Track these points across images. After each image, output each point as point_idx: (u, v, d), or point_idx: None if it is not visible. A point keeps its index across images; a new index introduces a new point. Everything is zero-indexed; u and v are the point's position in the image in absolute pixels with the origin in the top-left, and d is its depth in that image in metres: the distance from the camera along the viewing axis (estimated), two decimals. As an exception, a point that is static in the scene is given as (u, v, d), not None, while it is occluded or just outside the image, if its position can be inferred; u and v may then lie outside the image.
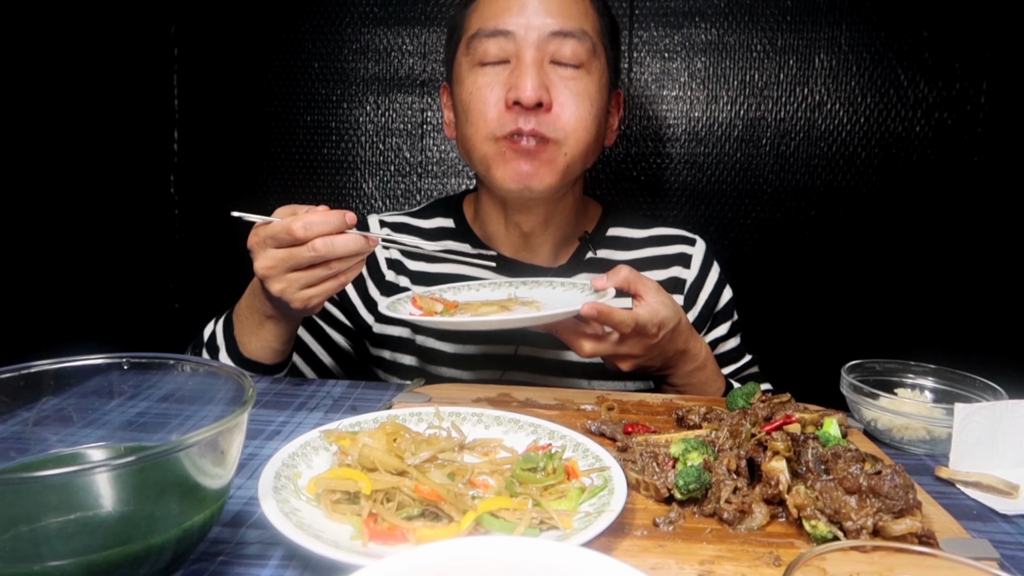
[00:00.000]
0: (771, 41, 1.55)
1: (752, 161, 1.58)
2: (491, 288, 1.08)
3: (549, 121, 1.02)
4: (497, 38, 1.02)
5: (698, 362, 1.03)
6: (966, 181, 1.54)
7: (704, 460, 0.67)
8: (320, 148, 1.64)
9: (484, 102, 1.03)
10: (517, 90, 1.00)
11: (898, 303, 1.59)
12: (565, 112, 1.02)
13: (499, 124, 1.02)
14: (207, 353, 1.03)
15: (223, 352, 1.02)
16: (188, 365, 0.62)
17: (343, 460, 0.66)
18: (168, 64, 1.63)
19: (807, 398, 0.88)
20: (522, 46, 1.02)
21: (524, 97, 0.99)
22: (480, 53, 1.03)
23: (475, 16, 1.06)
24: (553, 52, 1.02)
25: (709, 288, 1.19)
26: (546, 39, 1.02)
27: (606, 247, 1.19)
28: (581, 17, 1.04)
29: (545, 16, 1.02)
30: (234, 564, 0.56)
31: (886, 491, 0.59)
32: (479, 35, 1.03)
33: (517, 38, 1.02)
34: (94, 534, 0.47)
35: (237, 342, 1.00)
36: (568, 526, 0.58)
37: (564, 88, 1.03)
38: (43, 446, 0.57)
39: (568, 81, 1.03)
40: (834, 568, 0.45)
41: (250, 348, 1.00)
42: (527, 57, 1.01)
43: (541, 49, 1.02)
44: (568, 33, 1.02)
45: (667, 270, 1.19)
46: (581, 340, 0.94)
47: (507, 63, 1.03)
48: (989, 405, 0.81)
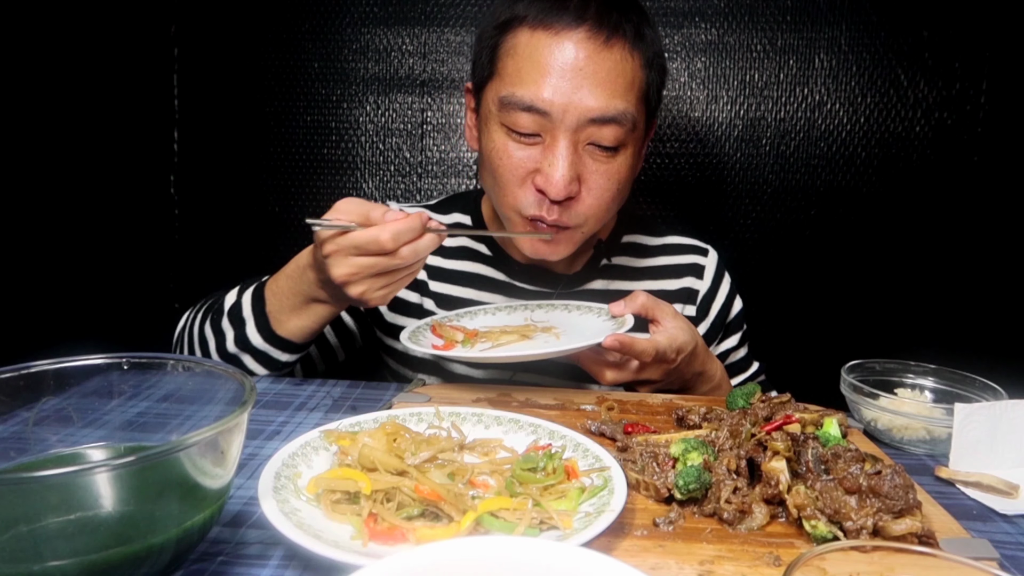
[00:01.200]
0: (771, 41, 1.55)
1: (752, 161, 1.58)
2: (507, 312, 1.08)
3: (573, 208, 0.98)
4: (532, 114, 0.93)
5: (714, 382, 1.05)
6: (966, 181, 1.54)
7: (704, 460, 0.67)
8: (320, 148, 1.64)
9: (512, 175, 0.97)
10: (547, 181, 0.94)
11: (898, 303, 1.59)
12: (590, 197, 0.98)
13: (524, 204, 0.98)
14: (227, 321, 0.99)
15: (250, 326, 0.97)
16: (188, 365, 0.62)
17: (343, 460, 0.66)
18: (168, 64, 1.63)
19: (807, 398, 0.88)
20: (558, 128, 0.93)
21: (552, 193, 0.94)
22: (511, 121, 0.95)
23: (511, 63, 0.96)
24: (590, 136, 0.95)
25: (721, 299, 1.20)
26: (585, 124, 0.93)
27: (620, 254, 1.18)
28: (626, 91, 0.95)
29: (588, 95, 0.92)
30: (234, 564, 0.56)
31: (886, 491, 0.59)
32: (512, 103, 0.94)
33: (553, 119, 0.93)
34: (94, 534, 0.47)
35: (270, 319, 0.96)
36: (568, 526, 0.58)
37: (595, 172, 0.97)
38: (43, 446, 0.57)
39: (601, 165, 0.97)
40: (834, 568, 0.45)
41: (288, 327, 0.96)
42: (561, 143, 0.94)
43: (578, 132, 0.94)
44: (609, 119, 0.93)
45: (680, 280, 1.19)
46: (603, 369, 0.96)
47: (539, 136, 0.96)
48: (989, 405, 0.81)
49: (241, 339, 0.98)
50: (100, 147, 1.51)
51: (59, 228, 1.41)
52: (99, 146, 1.51)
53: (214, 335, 1.00)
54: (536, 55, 0.93)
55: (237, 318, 0.98)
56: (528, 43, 0.94)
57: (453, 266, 1.16)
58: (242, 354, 0.99)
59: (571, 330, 1.01)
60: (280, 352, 0.98)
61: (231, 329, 0.98)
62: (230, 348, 0.98)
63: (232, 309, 0.99)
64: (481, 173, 1.07)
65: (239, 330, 0.98)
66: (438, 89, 1.62)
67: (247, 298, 0.99)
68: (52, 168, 1.40)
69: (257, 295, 0.98)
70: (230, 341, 0.98)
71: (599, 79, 0.92)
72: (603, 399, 0.93)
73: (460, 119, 1.63)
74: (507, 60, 0.96)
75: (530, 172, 0.97)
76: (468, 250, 1.17)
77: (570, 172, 0.94)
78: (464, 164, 1.64)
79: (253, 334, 0.97)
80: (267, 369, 1.00)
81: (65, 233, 1.43)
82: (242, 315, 0.98)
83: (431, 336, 1.01)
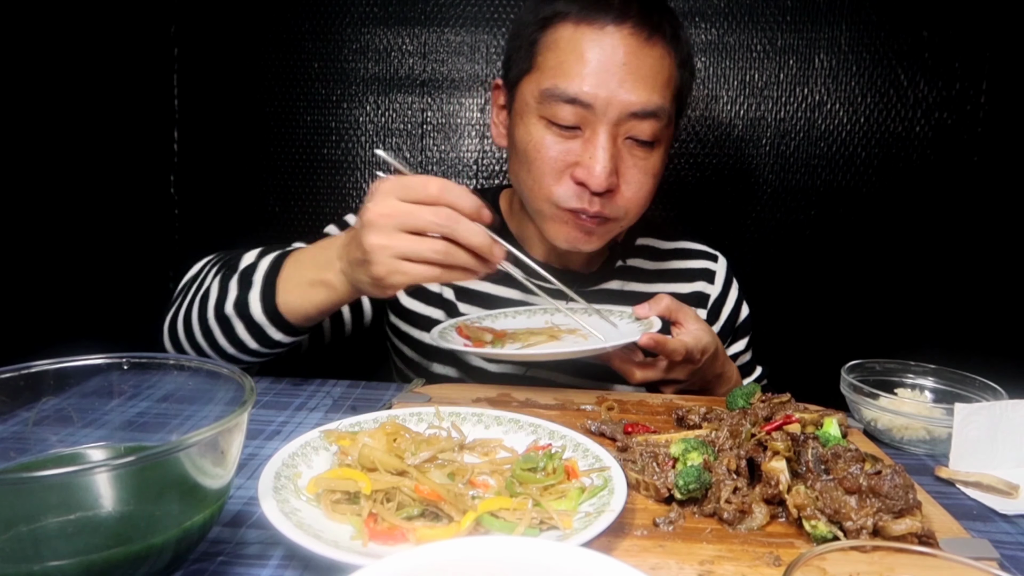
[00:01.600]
0: (771, 41, 1.55)
1: (752, 161, 1.58)
2: (527, 315, 1.09)
3: (613, 202, 0.99)
4: (574, 106, 0.95)
5: (731, 384, 1.08)
6: (966, 181, 1.54)
7: (704, 460, 0.67)
8: (320, 148, 1.64)
9: (550, 167, 0.98)
10: (588, 174, 0.95)
11: (898, 303, 1.59)
12: (629, 191, 0.99)
13: (563, 196, 0.98)
14: (235, 281, 0.92)
15: (255, 292, 0.90)
16: (188, 365, 0.62)
17: (343, 460, 0.66)
18: (168, 64, 1.63)
19: (807, 398, 0.88)
20: (599, 120, 0.95)
21: (593, 185, 0.95)
22: (551, 113, 0.96)
23: (552, 57, 0.97)
24: (629, 129, 0.96)
25: (731, 304, 1.23)
26: (626, 118, 0.95)
27: (635, 256, 1.20)
28: (664, 87, 0.97)
29: (631, 89, 0.94)
30: (234, 564, 0.56)
31: (886, 491, 0.59)
32: (554, 95, 0.95)
33: (596, 111, 0.94)
34: (94, 534, 0.47)
35: (277, 289, 0.89)
36: (568, 526, 0.58)
37: (633, 167, 0.99)
38: (43, 446, 0.57)
39: (639, 160, 0.99)
40: (834, 568, 0.45)
41: (290, 302, 0.89)
42: (602, 136, 0.95)
43: (619, 125, 0.96)
44: (649, 114, 0.95)
45: (692, 284, 1.21)
46: (633, 368, 0.99)
47: (579, 129, 0.97)
48: (989, 405, 0.81)
49: (241, 303, 0.91)
50: (100, 147, 1.51)
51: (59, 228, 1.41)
52: (99, 146, 1.51)
53: (217, 291, 0.94)
54: (580, 49, 0.95)
55: (246, 281, 0.92)
56: (572, 37, 0.96)
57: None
58: (236, 319, 0.91)
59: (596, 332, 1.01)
60: (274, 329, 0.91)
61: (235, 289, 0.92)
62: (227, 309, 0.92)
63: (245, 270, 0.94)
64: (513, 167, 1.06)
65: (243, 293, 0.91)
66: (438, 89, 1.62)
67: (265, 263, 0.93)
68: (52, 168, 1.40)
69: (275, 263, 0.92)
70: (230, 302, 0.92)
71: (641, 74, 0.94)
72: (603, 399, 0.93)
73: (460, 119, 1.63)
74: (548, 54, 0.97)
75: (569, 165, 0.97)
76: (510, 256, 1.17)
77: (611, 164, 0.95)
78: (464, 164, 1.64)
79: (255, 301, 0.90)
80: (258, 344, 0.92)
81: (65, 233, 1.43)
82: (252, 278, 0.92)
83: (458, 337, 1.01)
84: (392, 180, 0.76)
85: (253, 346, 0.93)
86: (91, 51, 1.47)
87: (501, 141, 1.09)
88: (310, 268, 0.88)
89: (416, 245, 0.74)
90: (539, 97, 0.97)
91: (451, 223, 0.74)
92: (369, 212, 0.75)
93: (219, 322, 0.92)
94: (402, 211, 0.74)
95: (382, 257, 0.75)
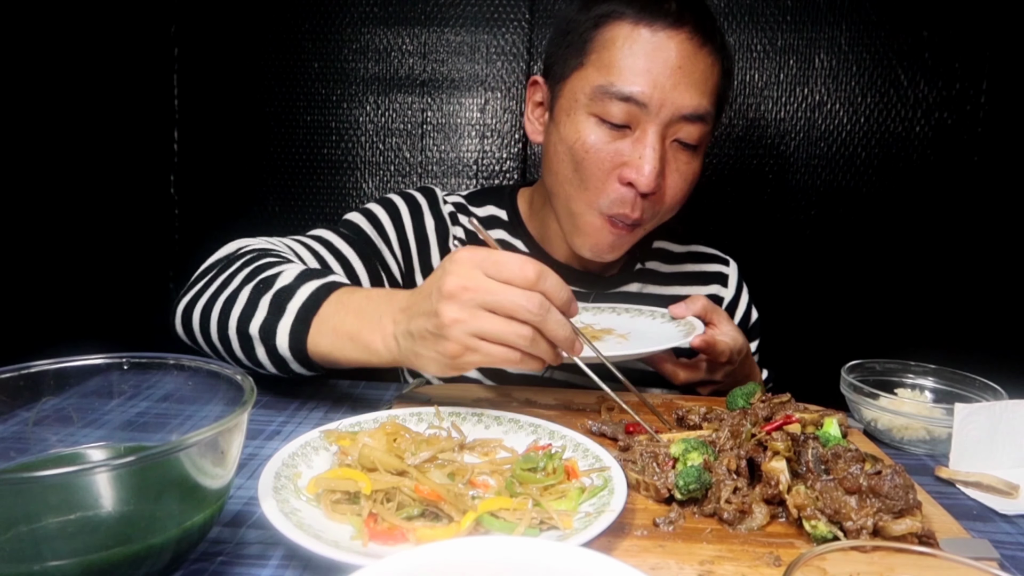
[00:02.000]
0: (771, 41, 1.55)
1: (752, 161, 1.58)
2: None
3: (652, 206, 1.00)
4: (628, 104, 0.95)
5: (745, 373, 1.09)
6: (966, 181, 1.54)
7: (704, 460, 0.67)
8: (320, 148, 1.64)
9: (599, 166, 0.98)
10: (637, 173, 0.96)
11: (898, 303, 1.59)
12: (668, 195, 1.01)
13: (608, 201, 0.99)
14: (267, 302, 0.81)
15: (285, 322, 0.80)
16: (188, 365, 0.62)
17: (343, 460, 0.66)
18: (168, 64, 1.63)
19: (807, 398, 0.88)
20: (651, 121, 0.96)
21: (644, 185, 0.96)
22: (603, 110, 0.97)
23: (607, 55, 0.97)
24: (677, 131, 0.98)
25: (743, 308, 1.25)
26: (676, 120, 0.97)
27: (652, 259, 1.22)
28: (711, 92, 0.99)
29: (684, 92, 0.95)
30: (234, 564, 0.56)
31: (886, 491, 0.59)
32: (609, 92, 0.96)
33: (649, 111, 0.95)
34: (94, 534, 0.47)
35: (312, 328, 0.79)
36: (568, 526, 0.58)
37: (675, 171, 1.00)
38: (43, 446, 0.57)
39: (682, 165, 1.00)
40: (834, 568, 0.45)
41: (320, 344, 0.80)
42: (652, 136, 0.96)
43: (668, 127, 0.97)
44: (697, 117, 0.97)
45: (707, 287, 1.23)
46: (678, 369, 1.02)
47: (628, 128, 0.97)
48: (989, 405, 0.81)
49: (268, 329, 0.81)
50: (100, 147, 1.51)
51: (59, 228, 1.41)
52: (99, 146, 1.51)
53: (245, 304, 0.83)
54: (638, 49, 0.96)
55: (279, 306, 0.81)
56: (629, 36, 0.96)
57: None
58: (258, 343, 0.83)
59: (633, 333, 1.01)
60: (297, 364, 0.83)
61: (265, 311, 0.82)
62: (252, 330, 0.82)
63: (280, 292, 0.82)
64: (552, 166, 1.04)
65: (272, 318, 0.81)
66: (438, 89, 1.62)
67: (304, 292, 0.81)
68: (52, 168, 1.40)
69: (316, 297, 0.81)
70: (256, 323, 0.82)
71: (694, 79, 0.96)
72: (603, 399, 0.93)
73: (460, 119, 1.63)
74: (603, 52, 0.98)
75: (617, 166, 0.98)
76: (506, 244, 1.17)
77: (660, 165, 0.97)
78: (464, 164, 1.64)
79: (283, 333, 0.81)
80: (275, 369, 0.85)
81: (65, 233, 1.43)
82: (286, 305, 0.81)
83: None
84: (479, 251, 0.68)
85: (270, 369, 0.85)
86: (91, 51, 1.47)
87: (537, 138, 1.10)
88: (354, 319, 0.78)
89: (503, 328, 0.67)
90: (591, 93, 0.97)
91: (543, 313, 0.67)
92: (451, 283, 0.66)
93: (240, 338, 0.84)
94: (492, 289, 0.66)
95: (459, 334, 0.67)
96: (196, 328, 0.89)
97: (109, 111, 1.53)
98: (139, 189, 1.62)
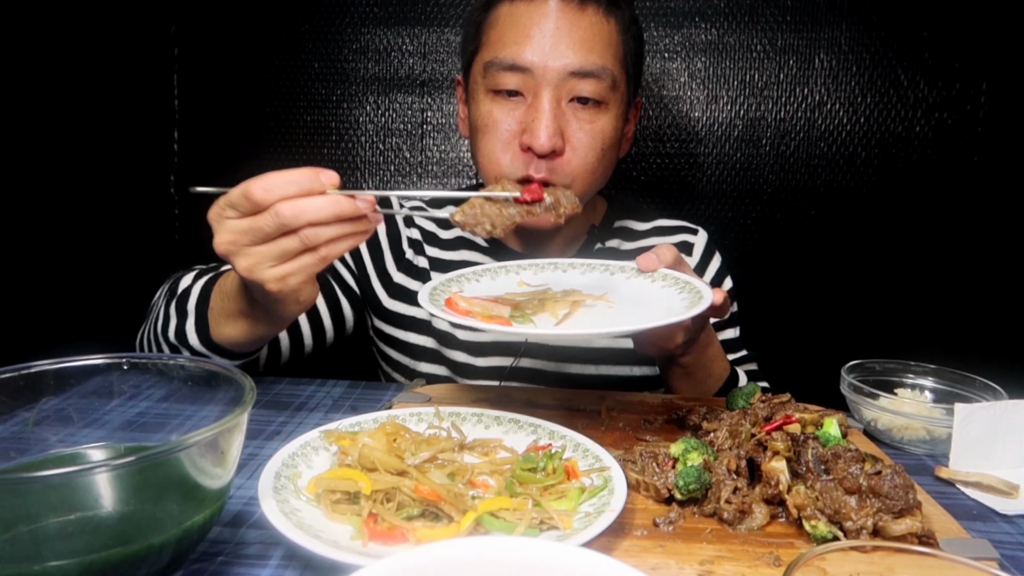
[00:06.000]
0: (771, 41, 1.55)
1: (752, 161, 1.58)
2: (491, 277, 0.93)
3: (559, 167, 0.99)
4: (515, 72, 0.98)
5: (711, 336, 1.02)
6: (966, 181, 1.54)
7: (704, 460, 0.67)
8: (320, 148, 1.64)
9: (498, 137, 1.00)
10: (532, 136, 0.96)
11: (898, 303, 1.59)
12: (576, 156, 1.00)
13: (511, 167, 0.99)
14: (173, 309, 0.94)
15: (190, 322, 0.91)
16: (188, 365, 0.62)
17: (343, 460, 0.66)
18: (168, 64, 1.63)
19: (807, 398, 0.88)
20: (540, 84, 0.97)
21: (537, 146, 0.96)
22: (495, 83, 1.00)
23: (493, 33, 1.01)
24: (571, 90, 0.98)
25: (710, 276, 1.22)
26: (565, 78, 0.97)
27: (613, 237, 1.21)
28: (603, 49, 0.99)
29: (566, 51, 0.97)
30: (234, 564, 0.56)
31: (886, 491, 0.59)
32: (495, 65, 0.99)
33: (535, 75, 0.97)
34: (94, 534, 0.47)
35: (210, 320, 0.90)
36: (568, 526, 0.58)
37: (579, 130, 0.99)
38: (43, 446, 0.57)
39: (584, 123, 0.99)
40: (834, 568, 0.45)
41: (223, 334, 0.89)
42: (544, 98, 0.97)
43: (559, 87, 0.97)
44: (588, 73, 0.97)
45: None
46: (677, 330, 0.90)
47: (522, 96, 0.99)
48: (989, 405, 0.81)
49: (180, 333, 0.93)
50: (100, 147, 1.51)
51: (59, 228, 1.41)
52: (99, 146, 1.51)
53: (163, 318, 0.96)
54: (516, 21, 0.99)
55: (181, 309, 0.93)
56: (509, 13, 1.01)
57: (452, 256, 1.17)
58: (180, 347, 0.93)
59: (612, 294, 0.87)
60: (217, 357, 0.91)
61: (175, 317, 0.94)
62: (171, 338, 0.94)
63: (181, 296, 0.94)
64: (472, 150, 1.09)
65: (180, 322, 0.93)
66: (438, 89, 1.62)
67: (196, 290, 0.94)
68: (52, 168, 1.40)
69: (204, 292, 0.93)
70: (171, 331, 0.94)
71: (575, 38, 0.98)
72: (603, 399, 0.93)
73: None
74: (490, 32, 1.02)
75: (516, 134, 0.99)
76: (464, 240, 1.18)
77: (553, 124, 0.96)
78: (464, 164, 1.64)
79: (191, 332, 0.92)
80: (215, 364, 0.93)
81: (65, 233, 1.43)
82: (186, 307, 0.93)
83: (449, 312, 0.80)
84: (217, 204, 0.73)
85: None
86: (91, 51, 1.47)
87: (465, 131, 1.13)
88: (232, 299, 0.85)
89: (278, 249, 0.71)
90: (483, 71, 1.01)
91: (292, 216, 0.69)
92: (218, 245, 0.73)
93: (169, 347, 0.95)
94: (242, 229, 0.71)
95: (260, 275, 0.72)
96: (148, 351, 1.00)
97: (109, 111, 1.53)
98: (139, 189, 1.62)
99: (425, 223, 1.20)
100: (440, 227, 1.20)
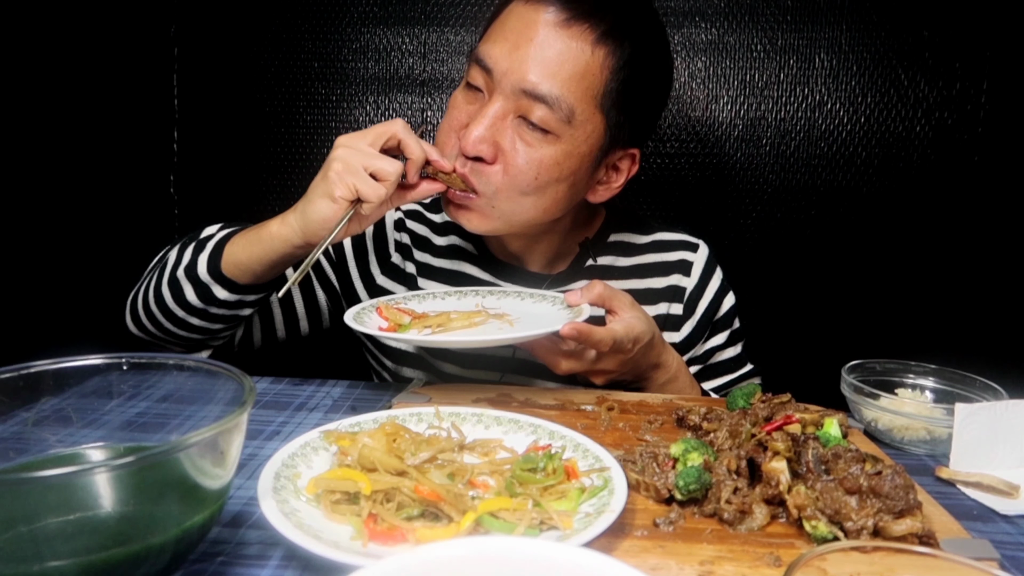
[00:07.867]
0: (771, 41, 1.55)
1: (752, 161, 1.58)
2: (457, 297, 1.06)
3: (484, 172, 0.95)
4: (481, 70, 0.96)
5: (670, 373, 1.02)
6: (966, 181, 1.54)
7: (704, 460, 0.67)
8: (320, 148, 1.64)
9: (449, 123, 0.99)
10: (464, 134, 0.95)
11: (898, 303, 1.59)
12: (503, 172, 0.95)
13: (449, 155, 0.98)
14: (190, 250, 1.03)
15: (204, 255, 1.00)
16: (188, 365, 0.62)
17: (343, 460, 0.66)
18: (168, 64, 1.63)
19: (807, 398, 0.88)
20: (495, 88, 0.95)
21: (461, 146, 0.95)
22: (469, 74, 0.99)
23: (493, 27, 1.00)
24: (520, 107, 0.94)
25: (709, 296, 1.16)
26: (518, 93, 0.93)
27: (607, 253, 1.16)
28: (568, 78, 0.92)
29: (526, 66, 0.92)
30: (234, 564, 0.56)
31: (886, 491, 0.59)
32: (474, 56, 0.98)
33: (494, 79, 0.94)
34: (94, 534, 0.47)
35: (225, 251, 0.99)
36: (568, 526, 0.58)
37: (514, 149, 0.95)
38: (43, 446, 0.57)
39: (523, 144, 0.94)
40: (834, 568, 0.45)
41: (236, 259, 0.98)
42: (492, 104, 0.94)
43: (510, 100, 0.94)
44: (540, 97, 0.92)
45: (667, 278, 1.15)
46: (558, 358, 0.93)
47: (483, 94, 0.97)
48: (989, 405, 0.81)
49: (190, 266, 1.01)
50: (100, 147, 1.51)
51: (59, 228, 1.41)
52: (99, 146, 1.51)
53: (175, 257, 1.04)
54: (508, 21, 0.97)
55: (200, 245, 1.03)
56: (510, 12, 0.98)
57: (442, 264, 1.16)
58: (184, 281, 1.01)
59: (525, 318, 0.98)
60: (219, 288, 1.00)
61: (188, 256, 1.02)
62: (179, 273, 1.02)
63: (204, 239, 1.04)
64: None
65: (194, 257, 1.01)
66: (438, 89, 1.62)
67: (222, 232, 1.04)
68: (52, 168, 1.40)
69: (230, 234, 1.02)
70: (182, 268, 1.01)
71: (544, 57, 0.92)
72: (603, 399, 0.93)
73: (460, 119, 1.62)
74: (493, 25, 1.00)
75: (462, 125, 0.97)
76: (457, 248, 1.17)
77: (487, 132, 0.94)
78: (464, 164, 1.64)
79: (202, 263, 1.00)
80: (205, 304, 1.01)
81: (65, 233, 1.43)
82: (206, 244, 1.02)
83: (377, 317, 0.96)
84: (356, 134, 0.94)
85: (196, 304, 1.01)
86: (91, 51, 1.47)
87: None
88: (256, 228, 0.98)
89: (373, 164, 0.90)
90: (469, 61, 1.01)
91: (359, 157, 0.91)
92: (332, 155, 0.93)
93: (171, 286, 1.02)
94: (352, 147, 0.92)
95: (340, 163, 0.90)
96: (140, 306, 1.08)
97: (109, 111, 1.53)
98: (139, 189, 1.62)
99: (418, 227, 1.19)
100: (435, 232, 1.19)
